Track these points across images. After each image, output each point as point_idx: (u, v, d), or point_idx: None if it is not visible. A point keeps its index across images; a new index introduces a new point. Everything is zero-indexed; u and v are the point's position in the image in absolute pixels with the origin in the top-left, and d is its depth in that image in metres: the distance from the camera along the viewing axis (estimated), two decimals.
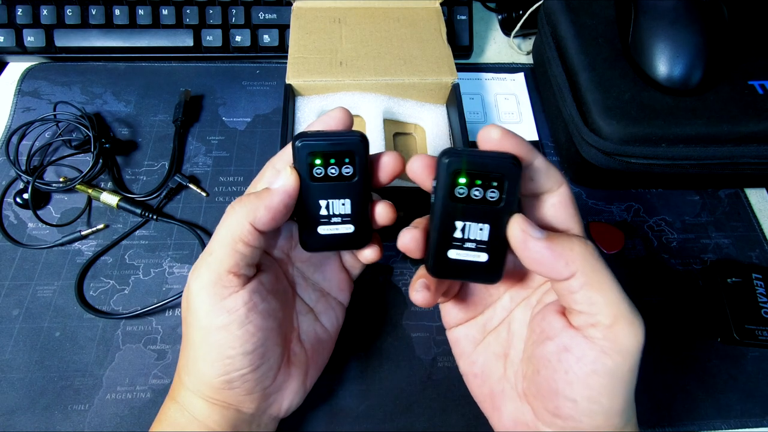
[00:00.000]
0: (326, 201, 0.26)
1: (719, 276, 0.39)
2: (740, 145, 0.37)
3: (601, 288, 0.21)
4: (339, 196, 0.26)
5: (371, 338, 0.36)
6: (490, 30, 0.55)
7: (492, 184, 0.22)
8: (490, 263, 0.24)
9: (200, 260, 0.25)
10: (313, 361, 0.30)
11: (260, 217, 0.24)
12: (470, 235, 0.23)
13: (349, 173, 0.25)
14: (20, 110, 0.45)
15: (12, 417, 0.32)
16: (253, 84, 0.49)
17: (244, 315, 0.24)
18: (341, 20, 0.45)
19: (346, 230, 0.26)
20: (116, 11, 0.47)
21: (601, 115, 0.37)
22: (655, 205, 0.43)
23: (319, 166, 0.25)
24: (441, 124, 0.43)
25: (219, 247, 0.24)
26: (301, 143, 0.24)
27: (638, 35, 0.39)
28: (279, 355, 0.27)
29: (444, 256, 0.24)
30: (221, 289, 0.24)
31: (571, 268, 0.21)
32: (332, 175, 0.25)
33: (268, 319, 0.25)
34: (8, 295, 0.37)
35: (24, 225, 0.40)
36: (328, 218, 0.26)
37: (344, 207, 0.26)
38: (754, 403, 0.35)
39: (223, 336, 0.24)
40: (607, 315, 0.21)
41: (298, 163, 0.25)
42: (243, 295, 0.24)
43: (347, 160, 0.25)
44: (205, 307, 0.24)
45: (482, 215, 0.23)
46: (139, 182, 0.42)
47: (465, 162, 0.22)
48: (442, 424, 0.33)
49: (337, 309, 0.32)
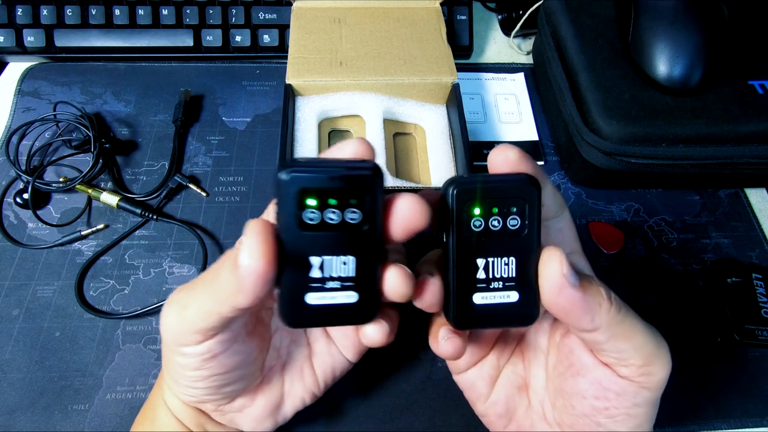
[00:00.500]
0: (320, 258, 0.19)
1: (719, 276, 0.39)
2: (740, 145, 0.37)
3: (627, 337, 0.21)
4: (340, 251, 0.19)
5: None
6: (490, 30, 0.55)
7: (512, 210, 0.19)
8: (522, 302, 0.20)
9: (176, 301, 0.21)
10: (289, 398, 0.27)
11: (240, 301, 0.19)
12: (496, 273, 0.20)
13: (356, 219, 0.19)
14: (20, 110, 0.45)
15: (12, 417, 0.32)
16: (253, 84, 0.49)
17: (197, 363, 0.22)
18: (341, 20, 0.45)
19: (347, 299, 0.19)
20: (116, 11, 0.47)
21: (601, 115, 0.37)
22: (655, 205, 0.43)
23: (313, 209, 0.18)
24: (441, 124, 0.43)
25: (194, 308, 0.21)
26: (288, 175, 0.18)
27: (638, 35, 0.39)
28: (241, 387, 0.25)
29: (469, 304, 0.20)
30: (181, 338, 0.22)
31: (596, 323, 0.20)
32: (331, 222, 0.18)
33: (226, 365, 0.23)
34: (8, 295, 0.37)
35: (24, 225, 0.40)
36: (322, 282, 0.19)
37: (346, 267, 0.19)
38: (754, 403, 0.35)
39: (177, 367, 0.23)
40: (638, 358, 0.21)
41: (283, 205, 0.18)
42: (200, 348, 0.21)
43: (354, 201, 0.18)
44: (166, 341, 0.23)
45: (506, 248, 0.20)
46: (139, 182, 0.42)
47: (478, 189, 0.19)
48: (442, 424, 0.33)
49: (338, 360, 0.27)
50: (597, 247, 0.41)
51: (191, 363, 0.22)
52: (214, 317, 0.20)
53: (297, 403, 0.27)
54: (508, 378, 0.27)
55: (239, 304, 0.19)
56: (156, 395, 0.27)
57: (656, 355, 0.21)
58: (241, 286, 0.18)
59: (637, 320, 0.21)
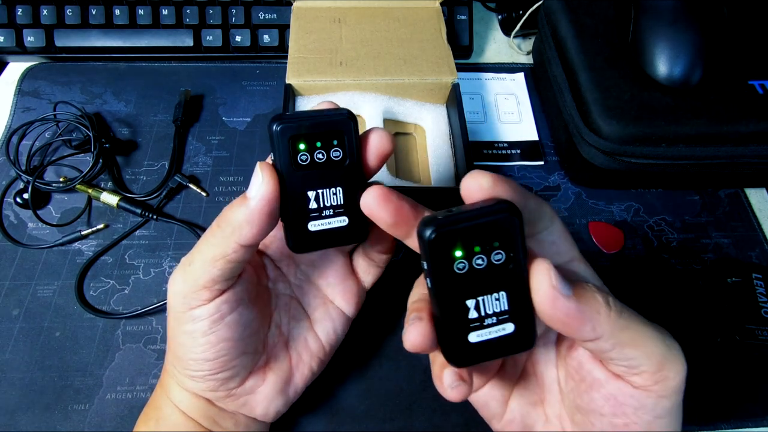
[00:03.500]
0: (315, 191, 0.23)
1: (719, 276, 0.39)
2: (740, 145, 0.37)
3: (635, 343, 0.19)
4: (329, 184, 0.23)
5: (371, 338, 0.36)
6: (490, 30, 0.55)
7: (494, 245, 0.18)
8: (518, 330, 0.20)
9: (181, 264, 0.24)
10: (298, 370, 0.28)
11: (245, 234, 0.22)
12: (488, 310, 0.19)
13: (339, 156, 0.22)
14: (20, 110, 0.45)
15: (12, 417, 0.32)
16: (253, 84, 0.49)
17: (207, 326, 0.24)
18: (341, 20, 0.45)
19: (340, 223, 0.23)
20: (116, 11, 0.47)
21: (601, 115, 0.37)
22: (655, 205, 0.43)
23: (303, 151, 0.22)
24: (441, 124, 0.43)
25: (199, 261, 0.23)
26: (279, 126, 0.21)
27: (638, 35, 0.39)
28: (248, 362, 0.26)
29: (465, 344, 0.20)
30: (190, 300, 0.23)
31: (597, 331, 0.19)
32: (320, 161, 0.22)
33: (235, 329, 0.24)
34: (8, 295, 0.37)
35: (24, 225, 0.40)
36: (319, 212, 0.23)
37: (336, 196, 0.23)
38: (754, 403, 0.35)
39: (188, 340, 0.24)
40: (650, 364, 0.20)
41: (278, 152, 0.22)
42: (209, 307, 0.23)
43: (335, 141, 0.22)
44: (175, 312, 0.24)
45: (494, 283, 0.19)
46: (139, 182, 0.42)
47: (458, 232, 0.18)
48: (442, 424, 0.33)
49: (338, 320, 0.30)
50: (597, 247, 0.41)
51: (201, 327, 0.23)
52: (220, 263, 0.22)
53: (306, 372, 0.29)
54: (522, 395, 0.26)
55: (245, 236, 0.21)
56: (159, 395, 0.27)
57: (669, 358, 0.20)
58: (249, 215, 0.21)
59: (642, 324, 0.20)
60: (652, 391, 0.20)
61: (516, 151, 0.46)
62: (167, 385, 0.27)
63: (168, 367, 0.27)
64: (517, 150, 0.46)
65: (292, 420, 0.33)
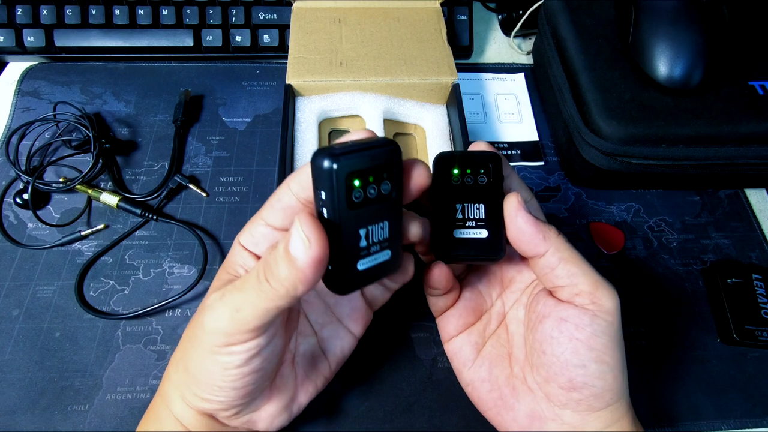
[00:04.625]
0: (366, 229, 0.21)
1: (719, 276, 0.39)
2: (740, 146, 0.37)
3: (576, 262, 0.25)
4: (378, 219, 0.21)
5: (371, 338, 0.36)
6: (490, 30, 0.55)
7: (480, 171, 0.25)
8: (490, 237, 0.25)
9: (222, 306, 0.22)
10: (303, 387, 0.28)
11: (300, 291, 0.21)
12: (470, 215, 0.25)
13: (388, 190, 0.21)
14: (20, 110, 0.45)
15: (12, 417, 0.32)
16: (253, 84, 0.49)
17: (243, 360, 0.23)
18: (341, 20, 0.45)
19: (384, 257, 0.22)
20: (116, 11, 0.47)
21: (602, 116, 0.37)
22: (655, 205, 0.43)
23: (358, 188, 0.20)
24: (441, 124, 0.43)
25: (249, 309, 0.22)
26: (336, 163, 0.19)
27: (638, 35, 0.39)
28: (264, 387, 0.26)
29: (450, 237, 0.25)
30: (232, 338, 0.22)
31: (547, 244, 0.24)
32: (371, 197, 0.21)
33: (269, 360, 0.24)
34: (8, 295, 0.37)
35: (24, 225, 0.40)
36: (368, 249, 0.22)
37: (383, 231, 0.22)
38: (754, 403, 0.35)
39: (218, 369, 0.23)
40: (587, 283, 0.25)
41: (332, 190, 0.20)
42: (250, 344, 0.23)
43: (386, 174, 0.21)
44: (210, 344, 0.23)
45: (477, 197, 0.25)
46: (139, 182, 0.42)
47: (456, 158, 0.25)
48: (442, 424, 0.33)
49: (345, 339, 0.29)
50: (597, 247, 0.41)
51: (235, 360, 0.23)
52: (272, 312, 0.21)
53: (311, 390, 0.29)
54: (493, 346, 0.30)
55: (299, 293, 0.21)
56: (159, 406, 0.27)
57: (602, 284, 0.25)
58: (300, 276, 0.20)
59: (584, 258, 0.25)
60: (589, 310, 0.24)
61: (516, 152, 0.46)
62: (169, 397, 0.26)
63: (174, 379, 0.26)
64: (518, 150, 0.46)
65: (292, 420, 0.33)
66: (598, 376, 0.24)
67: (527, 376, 0.27)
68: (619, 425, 0.25)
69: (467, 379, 0.30)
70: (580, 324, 0.24)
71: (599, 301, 0.24)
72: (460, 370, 0.30)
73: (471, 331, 0.30)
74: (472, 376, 0.29)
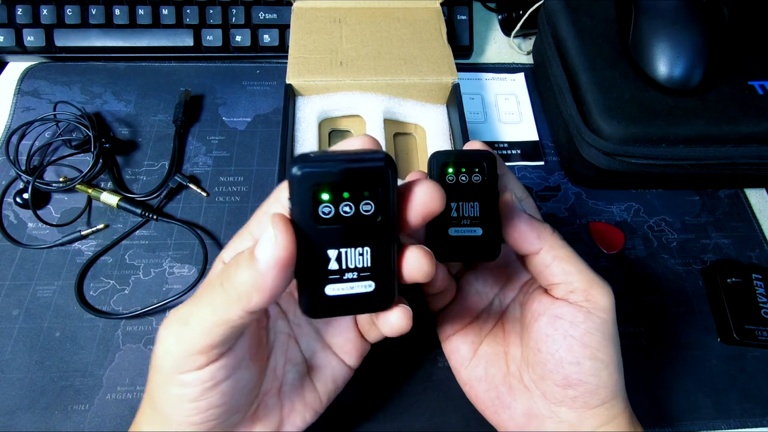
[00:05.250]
0: (337, 251, 0.19)
1: (719, 276, 0.39)
2: (740, 146, 0.37)
3: (570, 260, 0.25)
4: (356, 243, 0.19)
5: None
6: (490, 30, 0.55)
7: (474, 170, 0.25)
8: (484, 236, 0.25)
9: (174, 318, 0.20)
10: (289, 419, 0.26)
11: (254, 302, 0.18)
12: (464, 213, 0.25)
13: (370, 211, 0.19)
14: (20, 110, 0.45)
15: (12, 417, 0.32)
16: (253, 84, 0.49)
17: (198, 393, 0.20)
18: (341, 20, 0.45)
19: (365, 289, 0.20)
20: (116, 11, 0.47)
21: (602, 116, 0.37)
22: (655, 205, 0.43)
23: (327, 203, 0.18)
24: (441, 124, 0.43)
25: (197, 323, 0.19)
26: (300, 171, 0.18)
27: (638, 35, 0.39)
28: (238, 419, 0.24)
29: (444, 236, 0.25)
30: (182, 364, 0.20)
31: (541, 242, 0.24)
32: (346, 215, 0.19)
33: (229, 395, 0.21)
34: (8, 295, 0.37)
35: (24, 225, 0.40)
36: (340, 274, 0.19)
37: (362, 258, 0.19)
38: (754, 403, 0.35)
39: (174, 401, 0.21)
40: (582, 280, 0.24)
41: (297, 199, 0.18)
42: (202, 374, 0.20)
43: (367, 193, 0.19)
44: (162, 371, 0.21)
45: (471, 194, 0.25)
46: (139, 182, 0.42)
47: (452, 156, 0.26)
48: (442, 424, 0.33)
49: (337, 369, 0.27)
50: (597, 247, 0.41)
51: (190, 393, 0.20)
52: (221, 329, 0.19)
53: (298, 422, 0.26)
54: (490, 345, 0.30)
55: (254, 303, 0.18)
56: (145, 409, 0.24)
57: (597, 282, 0.25)
58: (259, 281, 0.18)
59: (578, 255, 0.25)
60: (583, 307, 0.24)
61: (516, 151, 0.46)
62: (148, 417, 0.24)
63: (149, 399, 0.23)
64: (518, 150, 0.46)
65: None
66: (592, 373, 0.24)
67: (523, 374, 0.27)
68: (616, 423, 0.25)
69: (464, 378, 0.30)
70: (574, 321, 0.24)
71: (594, 299, 0.24)
72: (457, 369, 0.30)
73: (468, 331, 0.30)
74: (469, 375, 0.30)
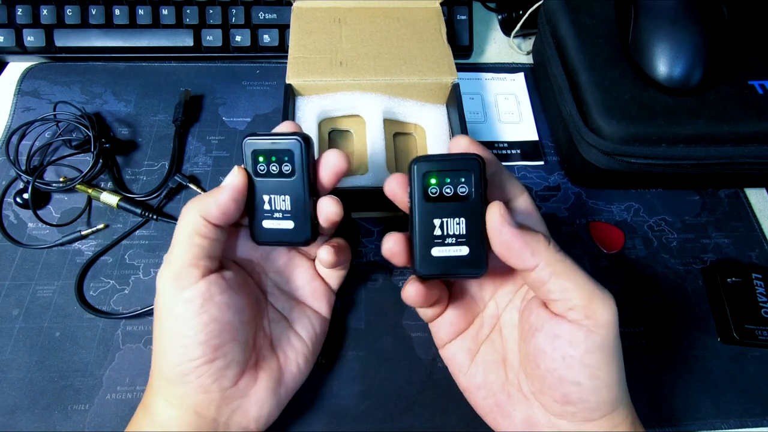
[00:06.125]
0: (269, 196, 0.27)
1: (719, 276, 0.39)
2: (740, 145, 0.37)
3: (568, 275, 0.23)
4: (279, 192, 0.27)
5: (371, 338, 0.36)
6: (490, 30, 0.55)
7: (461, 180, 0.25)
8: (471, 254, 0.25)
9: (162, 264, 0.26)
10: (287, 370, 0.29)
11: (212, 212, 0.25)
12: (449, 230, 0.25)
13: (288, 171, 0.27)
14: (20, 110, 0.45)
15: (12, 417, 0.32)
16: (253, 84, 0.49)
17: (199, 305, 0.25)
18: (341, 20, 0.45)
19: (287, 225, 0.28)
20: (116, 11, 0.47)
21: (602, 115, 0.37)
22: (655, 205, 0.43)
23: (261, 163, 0.27)
24: (441, 124, 0.43)
25: (177, 243, 0.26)
26: (245, 142, 0.27)
27: (638, 35, 0.39)
28: (240, 354, 0.26)
29: (429, 255, 0.25)
30: (180, 281, 0.25)
31: (536, 258, 0.23)
32: (273, 172, 0.27)
33: (225, 312, 0.26)
34: (8, 295, 0.37)
35: (24, 225, 0.40)
36: (271, 213, 0.28)
37: (284, 203, 0.27)
38: (754, 403, 0.35)
39: (179, 324, 0.25)
40: (581, 297, 0.23)
41: (246, 160, 0.27)
42: (200, 285, 0.25)
43: (286, 158, 0.27)
44: (165, 299, 0.25)
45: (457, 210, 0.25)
46: (139, 182, 0.42)
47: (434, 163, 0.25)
48: (442, 424, 0.33)
49: (314, 318, 0.31)
50: (597, 247, 0.41)
51: (192, 308, 0.25)
52: (195, 238, 0.25)
53: (294, 371, 0.29)
54: (487, 353, 0.29)
55: (212, 213, 0.25)
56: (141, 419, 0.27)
57: (598, 295, 0.23)
58: (218, 198, 0.25)
59: (577, 267, 0.24)
60: (583, 326, 0.23)
61: (516, 151, 0.46)
62: (152, 407, 0.26)
63: (153, 383, 0.27)
64: (517, 150, 0.46)
65: (291, 420, 0.33)
66: (592, 392, 0.24)
67: (522, 383, 0.27)
68: None
69: (464, 385, 0.30)
70: (573, 341, 0.23)
71: (594, 315, 0.23)
72: (456, 376, 0.30)
73: (464, 337, 0.30)
74: (468, 383, 0.29)
